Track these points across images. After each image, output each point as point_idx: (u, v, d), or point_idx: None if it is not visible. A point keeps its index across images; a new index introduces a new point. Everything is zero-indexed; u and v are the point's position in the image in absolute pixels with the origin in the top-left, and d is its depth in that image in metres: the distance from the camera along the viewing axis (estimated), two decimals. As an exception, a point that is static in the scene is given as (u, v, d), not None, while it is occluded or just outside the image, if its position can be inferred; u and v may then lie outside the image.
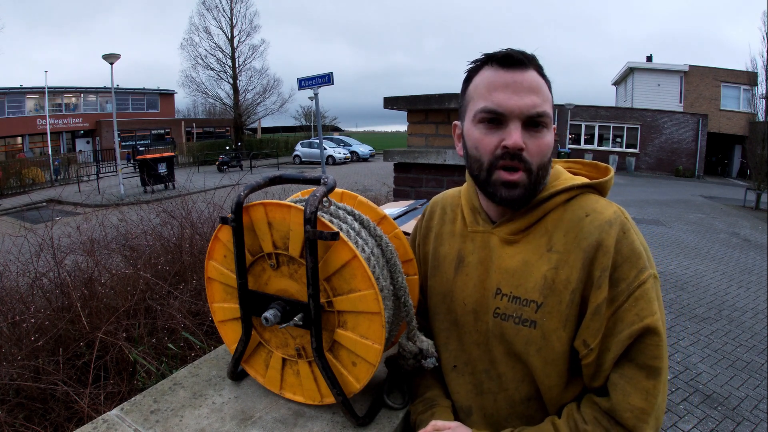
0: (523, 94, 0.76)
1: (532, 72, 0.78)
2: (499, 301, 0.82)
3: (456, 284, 0.89)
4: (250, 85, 30.86)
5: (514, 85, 0.76)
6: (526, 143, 0.77)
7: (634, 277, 0.73)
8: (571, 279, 0.75)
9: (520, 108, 0.76)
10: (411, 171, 2.58)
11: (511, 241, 0.83)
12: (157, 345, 2.30)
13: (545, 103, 0.78)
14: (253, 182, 0.91)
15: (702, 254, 7.03)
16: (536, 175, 0.78)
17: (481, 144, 0.79)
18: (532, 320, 0.78)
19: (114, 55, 14.11)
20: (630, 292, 0.72)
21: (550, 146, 0.79)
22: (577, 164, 0.95)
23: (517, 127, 0.76)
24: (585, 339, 0.74)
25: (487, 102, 0.78)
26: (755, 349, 3.89)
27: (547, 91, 0.80)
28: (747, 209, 12.29)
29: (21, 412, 1.91)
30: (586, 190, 0.83)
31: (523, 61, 0.77)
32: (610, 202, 0.81)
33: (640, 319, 0.71)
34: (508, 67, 0.77)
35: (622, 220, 0.76)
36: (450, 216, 0.97)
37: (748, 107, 18.48)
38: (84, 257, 3.12)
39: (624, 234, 0.75)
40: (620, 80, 26.65)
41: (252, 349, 0.96)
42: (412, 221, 1.59)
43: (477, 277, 0.86)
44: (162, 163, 15.97)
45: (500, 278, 0.82)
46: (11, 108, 27.00)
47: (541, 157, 0.78)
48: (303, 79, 8.72)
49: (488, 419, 0.85)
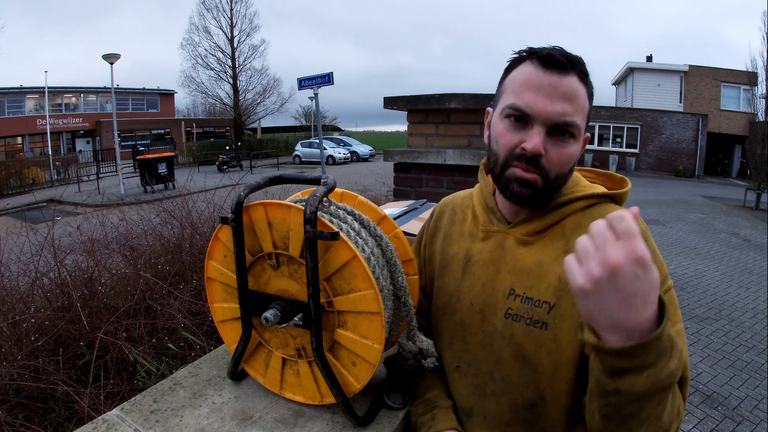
0: (556, 99, 0.74)
1: (572, 78, 0.75)
2: (512, 302, 0.81)
3: (463, 284, 0.89)
4: (250, 85, 30.97)
5: (548, 89, 0.74)
6: (548, 150, 0.75)
7: (663, 281, 0.72)
8: None
9: (548, 113, 0.74)
10: (411, 171, 2.58)
11: (526, 242, 0.83)
12: (157, 345, 2.30)
13: (577, 113, 0.75)
14: (253, 182, 0.91)
15: (702, 254, 7.03)
16: (552, 183, 0.78)
17: (502, 139, 0.79)
18: (543, 321, 0.77)
19: (114, 55, 14.12)
20: (661, 293, 0.72)
21: (573, 157, 0.77)
22: (592, 173, 0.94)
23: (540, 132, 0.75)
24: None
25: (518, 99, 0.76)
26: (755, 349, 3.89)
27: (585, 100, 0.77)
28: (747, 209, 12.29)
29: (21, 412, 1.91)
30: (605, 199, 0.83)
31: (565, 64, 0.74)
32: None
33: (672, 324, 0.70)
34: (548, 68, 0.74)
35: (642, 229, 0.76)
36: (460, 216, 0.97)
37: (748, 107, 18.49)
38: (84, 257, 3.12)
39: (645, 242, 0.74)
40: (620, 80, 26.64)
41: (252, 349, 0.96)
42: (412, 221, 1.59)
43: (486, 277, 0.86)
44: (162, 163, 15.99)
45: (514, 279, 0.82)
46: (11, 108, 27.02)
47: (560, 167, 0.77)
48: (303, 79, 8.74)
49: (489, 422, 0.85)
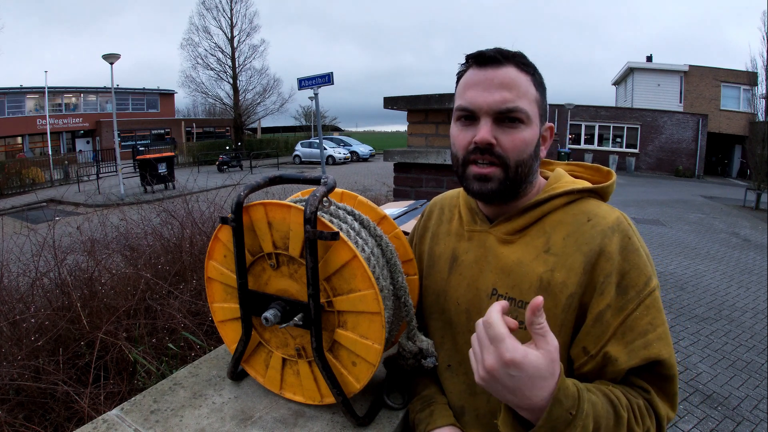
0: (494, 89, 0.76)
1: (508, 68, 0.77)
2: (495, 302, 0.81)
3: (450, 284, 0.89)
4: (250, 85, 30.97)
5: (485, 82, 0.77)
6: (499, 138, 0.77)
7: (644, 285, 0.72)
8: (569, 283, 0.74)
9: (488, 104, 0.76)
10: (411, 171, 2.58)
11: (507, 240, 0.83)
12: (157, 345, 2.30)
13: (520, 99, 0.76)
14: (253, 182, 0.91)
15: (702, 254, 7.03)
16: (515, 171, 0.78)
17: (457, 140, 0.82)
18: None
19: (114, 55, 14.12)
20: (641, 300, 0.72)
21: (527, 142, 0.78)
22: (579, 167, 0.94)
23: (487, 123, 0.77)
24: (585, 346, 0.73)
25: (462, 100, 0.80)
26: (755, 349, 3.89)
27: (528, 86, 0.78)
28: (747, 209, 12.29)
29: (21, 412, 1.91)
30: (587, 194, 0.82)
31: (497, 58, 0.77)
32: (613, 208, 0.80)
33: (653, 327, 0.71)
34: (482, 66, 0.79)
35: (625, 227, 0.76)
36: (447, 216, 0.97)
37: (748, 107, 18.47)
38: (84, 257, 3.12)
39: (629, 240, 0.74)
40: (620, 80, 26.65)
41: (252, 349, 0.96)
42: (412, 221, 1.59)
43: (470, 277, 0.86)
44: (162, 163, 15.99)
45: (496, 278, 0.82)
46: (11, 108, 27.01)
47: (517, 153, 0.78)
48: (303, 79, 8.73)
49: (481, 419, 0.85)
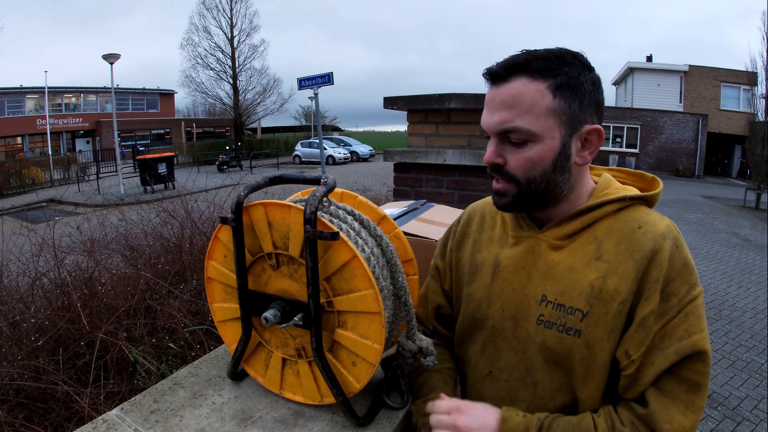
0: (494, 110, 0.76)
1: (515, 82, 0.74)
2: (544, 308, 0.81)
3: (493, 290, 0.88)
4: (250, 85, 30.95)
5: (489, 102, 0.78)
6: (508, 158, 0.78)
7: (686, 293, 0.72)
8: (621, 290, 0.74)
9: (489, 126, 0.78)
10: (411, 171, 2.58)
11: (557, 246, 0.82)
12: (158, 345, 2.30)
13: (521, 117, 0.74)
14: (253, 182, 0.91)
15: (702, 254, 7.03)
16: (527, 187, 0.78)
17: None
18: (576, 329, 0.77)
19: (113, 55, 14.13)
20: (681, 307, 0.72)
21: (534, 160, 0.76)
22: (622, 173, 0.93)
23: (492, 144, 0.79)
24: (627, 350, 0.74)
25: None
26: (755, 349, 3.89)
27: (537, 97, 0.73)
28: (747, 209, 12.29)
29: (21, 412, 1.91)
30: (638, 202, 0.83)
31: (500, 74, 0.76)
32: (662, 216, 0.81)
33: (689, 335, 0.71)
34: (491, 83, 0.78)
35: (675, 235, 0.76)
36: (489, 223, 0.96)
37: (748, 107, 18.49)
38: (84, 257, 3.12)
39: (677, 248, 0.74)
40: (620, 80, 26.64)
41: (252, 349, 0.96)
42: (412, 221, 1.59)
43: (517, 283, 0.85)
44: (162, 163, 15.99)
45: (546, 285, 0.82)
46: (11, 108, 27.01)
47: (523, 171, 0.77)
48: (303, 79, 8.73)
49: None
